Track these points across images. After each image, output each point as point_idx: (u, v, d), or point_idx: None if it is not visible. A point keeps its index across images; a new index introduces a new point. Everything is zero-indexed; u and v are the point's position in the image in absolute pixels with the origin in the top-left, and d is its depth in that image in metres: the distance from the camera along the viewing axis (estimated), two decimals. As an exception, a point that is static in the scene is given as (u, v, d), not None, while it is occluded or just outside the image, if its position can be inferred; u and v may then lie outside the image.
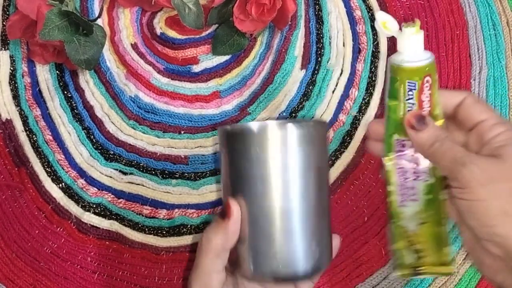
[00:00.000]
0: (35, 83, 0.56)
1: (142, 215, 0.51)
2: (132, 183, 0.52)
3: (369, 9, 0.58)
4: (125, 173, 0.53)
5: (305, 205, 0.38)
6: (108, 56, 0.55)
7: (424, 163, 0.37)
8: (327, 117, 0.54)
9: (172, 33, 0.56)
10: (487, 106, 0.37)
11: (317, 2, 0.57)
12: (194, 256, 0.49)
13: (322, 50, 0.56)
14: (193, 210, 0.51)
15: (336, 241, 0.42)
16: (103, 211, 0.52)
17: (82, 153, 0.53)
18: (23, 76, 0.56)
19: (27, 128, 0.54)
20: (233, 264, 0.40)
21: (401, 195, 0.38)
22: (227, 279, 0.40)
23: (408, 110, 0.36)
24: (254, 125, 0.41)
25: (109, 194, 0.52)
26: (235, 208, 0.38)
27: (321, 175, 0.39)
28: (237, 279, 0.41)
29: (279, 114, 0.53)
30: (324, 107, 0.54)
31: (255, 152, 0.37)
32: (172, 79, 0.55)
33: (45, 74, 0.56)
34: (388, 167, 0.37)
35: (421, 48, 0.35)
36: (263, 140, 0.37)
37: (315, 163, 0.38)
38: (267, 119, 0.53)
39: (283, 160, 0.37)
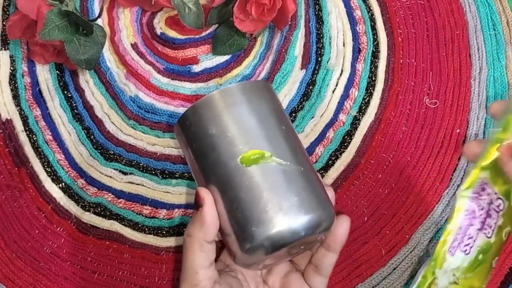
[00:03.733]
0: (35, 83, 0.56)
1: (142, 215, 0.51)
2: (132, 183, 0.52)
3: (369, 9, 0.58)
4: (125, 173, 0.53)
5: (278, 154, 0.36)
6: (108, 56, 0.56)
7: (495, 217, 0.34)
8: (327, 117, 0.54)
9: (172, 33, 0.56)
10: None
11: (317, 2, 0.57)
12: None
13: (322, 50, 0.56)
14: (193, 210, 0.51)
15: (331, 193, 0.38)
16: (103, 211, 0.52)
17: (82, 153, 0.53)
18: (23, 76, 0.56)
19: (27, 128, 0.54)
20: (230, 256, 0.38)
21: (455, 240, 0.34)
22: (224, 280, 0.38)
23: None
24: (196, 105, 0.39)
25: (109, 194, 0.52)
26: (206, 194, 0.36)
27: (282, 124, 0.37)
28: (240, 280, 0.40)
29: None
30: (324, 107, 0.54)
31: (205, 128, 0.37)
32: (172, 79, 0.55)
33: (45, 74, 0.56)
34: (460, 203, 0.34)
35: None
36: (208, 113, 0.37)
37: (269, 116, 0.37)
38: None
39: (234, 122, 0.36)
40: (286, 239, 0.34)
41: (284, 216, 0.34)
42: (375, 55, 0.56)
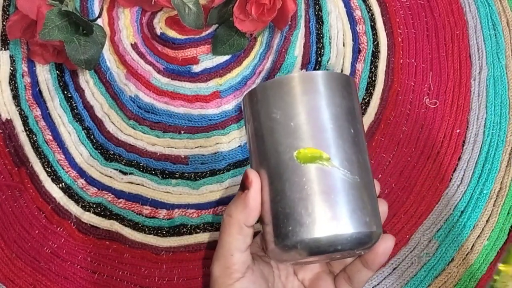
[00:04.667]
0: (35, 83, 0.56)
1: (142, 215, 0.51)
2: (132, 183, 0.52)
3: (369, 9, 0.58)
4: (125, 173, 0.53)
5: (341, 157, 0.33)
6: (108, 56, 0.56)
7: None
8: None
9: (172, 33, 0.56)
10: None
11: (317, 2, 0.57)
12: (193, 256, 0.50)
13: (322, 50, 0.56)
14: (193, 210, 0.51)
15: (384, 207, 0.36)
16: (103, 211, 0.52)
17: (82, 153, 0.53)
18: (23, 76, 0.56)
19: (27, 128, 0.54)
20: (264, 244, 0.36)
21: None
22: (257, 265, 0.37)
23: None
24: (268, 83, 0.36)
25: (109, 194, 0.52)
26: (254, 177, 0.34)
27: (351, 127, 0.34)
28: (272, 267, 0.39)
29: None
30: (324, 107, 0.54)
31: (270, 110, 0.34)
32: (172, 79, 0.55)
33: (45, 74, 0.56)
34: None
35: None
36: (278, 96, 0.34)
37: (345, 115, 0.34)
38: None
39: (302, 114, 0.33)
40: (321, 248, 0.33)
41: (325, 225, 0.32)
42: (375, 55, 0.56)
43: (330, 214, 0.32)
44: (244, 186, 0.35)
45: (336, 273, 0.40)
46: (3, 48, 0.57)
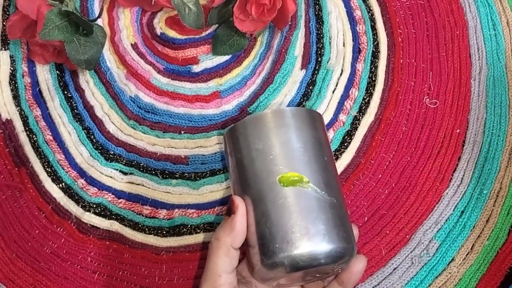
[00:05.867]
0: (35, 83, 0.56)
1: (142, 215, 0.51)
2: (132, 183, 0.52)
3: (369, 9, 0.58)
4: (125, 173, 0.53)
5: (315, 182, 0.37)
6: (108, 56, 0.56)
7: None
8: (327, 117, 0.54)
9: (172, 33, 0.56)
10: None
11: (317, 2, 0.57)
12: (193, 256, 0.50)
13: (322, 50, 0.56)
14: (193, 210, 0.51)
15: (356, 231, 0.40)
16: (103, 211, 0.52)
17: (82, 153, 0.53)
18: (23, 76, 0.56)
19: (27, 128, 0.54)
20: (248, 268, 0.39)
21: None
22: None
23: None
24: (249, 118, 0.41)
25: (109, 194, 0.52)
26: (240, 202, 0.38)
27: (324, 155, 0.39)
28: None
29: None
30: (324, 107, 0.54)
31: (252, 142, 0.38)
32: (172, 79, 0.55)
33: (45, 74, 0.56)
34: None
35: None
36: (259, 129, 0.39)
37: (315, 144, 0.39)
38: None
39: (282, 143, 0.38)
40: (306, 262, 0.36)
41: (309, 240, 0.36)
42: (375, 55, 0.56)
43: (313, 230, 0.36)
44: (230, 211, 0.38)
45: None
46: (3, 48, 0.57)
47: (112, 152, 0.53)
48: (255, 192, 0.38)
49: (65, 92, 0.55)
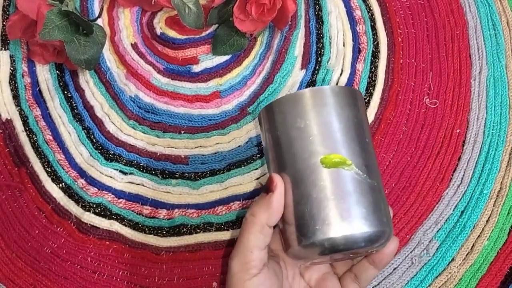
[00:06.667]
0: (35, 83, 0.56)
1: (142, 215, 0.51)
2: (132, 183, 0.52)
3: (369, 9, 0.58)
4: (125, 173, 0.53)
5: (357, 164, 0.36)
6: (108, 56, 0.56)
7: None
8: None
9: (172, 33, 0.56)
10: None
11: (317, 2, 0.57)
12: (193, 256, 0.50)
13: (322, 50, 0.56)
14: (193, 210, 0.51)
15: (391, 212, 0.40)
16: (103, 211, 0.51)
17: (82, 153, 0.53)
18: (23, 76, 0.56)
19: (27, 128, 0.54)
20: (283, 245, 0.39)
21: None
22: (269, 264, 0.39)
23: None
24: (290, 96, 0.39)
25: (109, 194, 0.52)
26: (279, 181, 0.37)
27: (365, 136, 0.38)
28: (281, 267, 0.41)
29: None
30: (324, 107, 0.54)
31: (293, 120, 0.37)
32: (172, 79, 0.55)
33: (45, 74, 0.56)
34: None
35: None
36: (300, 107, 0.37)
37: (357, 124, 0.38)
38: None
39: (324, 123, 0.37)
40: (346, 245, 0.35)
41: (349, 224, 0.35)
42: (375, 55, 0.56)
43: (354, 213, 0.35)
44: (268, 189, 0.38)
45: (339, 274, 0.43)
46: (3, 48, 0.57)
47: (112, 152, 0.53)
48: (295, 172, 0.37)
49: (65, 92, 0.55)
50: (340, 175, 0.36)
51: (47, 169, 0.53)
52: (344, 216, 0.35)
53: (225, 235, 0.50)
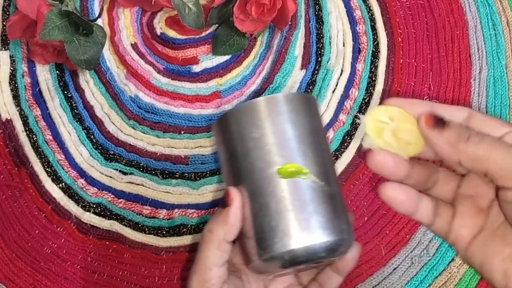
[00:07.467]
0: (35, 83, 0.56)
1: (142, 215, 0.51)
2: (132, 183, 0.52)
3: (369, 9, 0.58)
4: (125, 173, 0.53)
5: (314, 172, 0.35)
6: (108, 56, 0.56)
7: None
8: (327, 117, 0.54)
9: (172, 33, 0.56)
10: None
11: (317, 2, 0.57)
12: (193, 256, 0.50)
13: (322, 50, 0.56)
14: (193, 210, 0.51)
15: (351, 218, 0.38)
16: (103, 211, 0.52)
17: (82, 153, 0.53)
18: (23, 76, 0.56)
19: (27, 128, 0.54)
20: (243, 259, 0.38)
21: None
22: (230, 280, 0.38)
23: None
24: (244, 105, 0.38)
25: (109, 194, 0.52)
26: (236, 195, 0.36)
27: (321, 143, 0.37)
28: (243, 281, 0.40)
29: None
30: (324, 107, 0.54)
31: (248, 131, 0.36)
32: (172, 79, 0.55)
33: (45, 74, 0.56)
34: None
35: None
36: (255, 116, 0.36)
37: (313, 131, 0.37)
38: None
39: (279, 131, 0.36)
40: (306, 256, 0.35)
41: (309, 234, 0.34)
42: (375, 55, 0.56)
43: (313, 223, 0.35)
44: (225, 203, 0.36)
45: (305, 284, 0.42)
46: (3, 48, 0.57)
47: (112, 152, 0.53)
48: (252, 184, 0.36)
49: (65, 92, 0.55)
50: (297, 184, 0.35)
51: (47, 169, 0.53)
52: (303, 226, 0.34)
53: (225, 235, 0.50)
